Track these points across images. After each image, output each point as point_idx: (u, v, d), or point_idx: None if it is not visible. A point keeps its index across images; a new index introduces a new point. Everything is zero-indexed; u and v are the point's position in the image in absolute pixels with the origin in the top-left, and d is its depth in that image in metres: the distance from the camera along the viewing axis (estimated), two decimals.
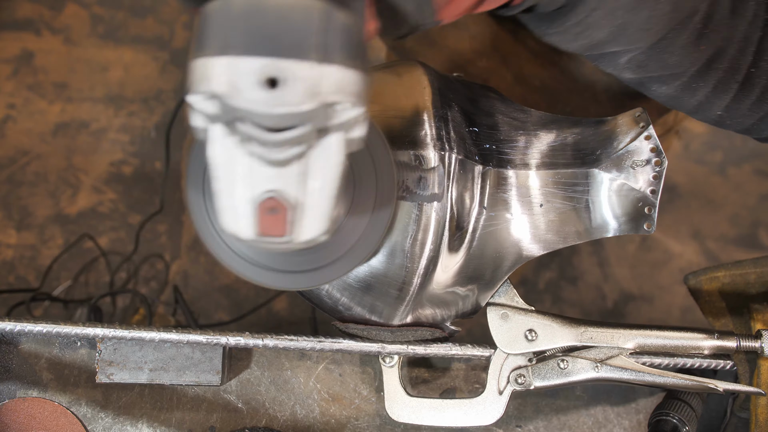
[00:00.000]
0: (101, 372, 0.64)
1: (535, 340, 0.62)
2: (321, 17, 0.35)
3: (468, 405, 0.64)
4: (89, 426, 0.66)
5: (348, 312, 0.62)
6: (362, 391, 0.69)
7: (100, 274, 1.58)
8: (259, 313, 1.53)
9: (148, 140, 1.74)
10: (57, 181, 1.67)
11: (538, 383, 0.63)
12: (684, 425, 0.64)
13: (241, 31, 0.35)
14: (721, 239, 1.77)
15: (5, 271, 1.56)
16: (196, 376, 0.64)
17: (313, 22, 0.35)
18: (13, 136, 1.70)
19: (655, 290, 1.68)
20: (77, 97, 1.77)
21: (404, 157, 0.56)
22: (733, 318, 0.67)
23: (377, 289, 0.59)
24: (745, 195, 1.82)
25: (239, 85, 0.34)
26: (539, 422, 0.70)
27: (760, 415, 0.64)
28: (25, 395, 0.66)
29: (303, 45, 0.35)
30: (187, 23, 1.89)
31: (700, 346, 0.63)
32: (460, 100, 0.61)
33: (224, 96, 0.35)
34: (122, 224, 1.63)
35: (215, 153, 0.38)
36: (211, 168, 0.39)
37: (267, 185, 0.39)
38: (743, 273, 0.67)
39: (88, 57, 1.82)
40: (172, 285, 1.31)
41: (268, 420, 0.68)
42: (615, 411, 0.70)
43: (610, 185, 0.61)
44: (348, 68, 0.36)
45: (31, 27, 1.83)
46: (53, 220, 1.63)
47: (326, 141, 0.38)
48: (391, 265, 0.57)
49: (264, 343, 0.63)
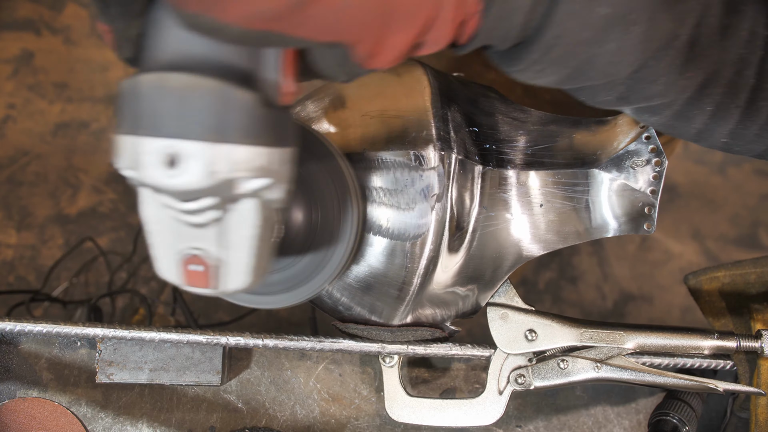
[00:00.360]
0: (101, 372, 0.64)
1: (535, 340, 0.62)
2: (218, 98, 0.37)
3: (468, 405, 0.64)
4: (89, 426, 0.66)
5: (348, 312, 0.62)
6: (362, 391, 0.69)
7: (100, 274, 1.57)
8: (259, 313, 1.53)
9: None
10: (57, 181, 1.67)
11: (538, 383, 0.63)
12: (684, 425, 0.64)
13: (145, 111, 0.37)
14: (721, 239, 1.77)
15: (5, 271, 1.56)
16: (196, 376, 0.64)
17: (210, 102, 0.37)
18: (13, 136, 1.70)
19: (655, 290, 1.68)
20: (77, 97, 1.77)
21: (404, 156, 0.56)
22: (733, 318, 0.67)
23: (377, 289, 0.59)
24: (745, 195, 1.82)
25: (142, 162, 0.37)
26: (539, 422, 0.70)
27: (760, 415, 0.64)
28: (25, 395, 0.66)
29: (199, 126, 0.37)
30: None
31: (700, 346, 0.63)
32: (460, 99, 0.61)
33: (131, 171, 0.38)
34: (122, 224, 1.63)
35: (145, 211, 0.42)
36: (143, 223, 0.42)
37: (190, 243, 0.42)
38: (743, 273, 0.67)
39: (88, 57, 1.82)
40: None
41: (268, 420, 0.68)
42: (615, 411, 0.70)
43: (610, 185, 0.61)
44: (246, 145, 0.38)
45: (31, 27, 1.83)
46: (53, 220, 1.63)
47: (239, 206, 0.41)
48: (391, 265, 0.57)
49: (264, 343, 0.63)
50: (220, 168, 0.37)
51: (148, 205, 0.42)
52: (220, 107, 0.37)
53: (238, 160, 0.38)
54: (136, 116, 0.37)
